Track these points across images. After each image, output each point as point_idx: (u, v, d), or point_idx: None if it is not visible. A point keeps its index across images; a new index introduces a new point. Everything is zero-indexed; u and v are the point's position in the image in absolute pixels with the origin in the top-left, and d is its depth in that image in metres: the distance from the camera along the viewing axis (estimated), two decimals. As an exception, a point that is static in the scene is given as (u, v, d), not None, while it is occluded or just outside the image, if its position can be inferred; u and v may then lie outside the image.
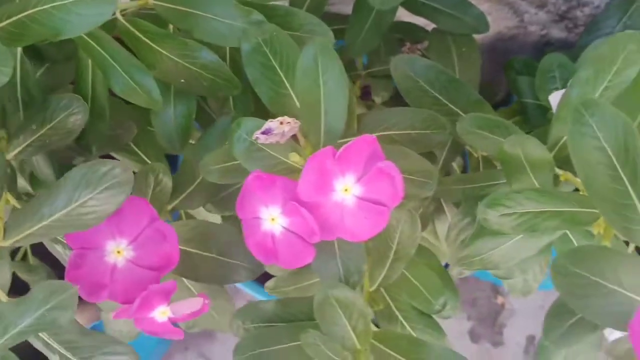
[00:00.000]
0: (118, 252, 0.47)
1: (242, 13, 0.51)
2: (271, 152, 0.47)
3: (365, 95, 0.75)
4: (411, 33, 0.74)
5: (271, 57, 0.50)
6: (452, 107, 0.59)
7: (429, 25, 0.72)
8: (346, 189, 0.43)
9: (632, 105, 0.45)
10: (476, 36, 0.94)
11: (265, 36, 0.50)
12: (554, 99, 0.58)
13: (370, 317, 0.52)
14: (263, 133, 0.43)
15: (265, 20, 0.51)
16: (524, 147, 0.49)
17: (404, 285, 0.56)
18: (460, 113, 0.59)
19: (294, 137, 0.47)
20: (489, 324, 1.11)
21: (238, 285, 0.89)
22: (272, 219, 0.44)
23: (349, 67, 0.71)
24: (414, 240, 0.51)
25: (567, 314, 0.42)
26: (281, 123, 0.43)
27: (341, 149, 0.43)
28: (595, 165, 0.39)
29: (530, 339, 1.10)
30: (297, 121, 0.45)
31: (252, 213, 0.45)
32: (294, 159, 0.46)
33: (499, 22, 0.89)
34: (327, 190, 0.43)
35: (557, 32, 0.90)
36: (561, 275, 0.36)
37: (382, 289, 0.56)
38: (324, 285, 0.46)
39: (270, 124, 0.43)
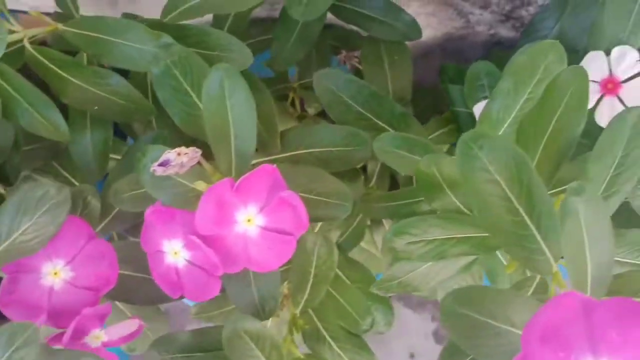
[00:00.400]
0: (55, 273, 0.47)
1: (151, 37, 0.50)
2: (180, 180, 0.46)
3: (303, 106, 0.74)
4: (347, 40, 0.72)
5: (182, 79, 0.50)
6: (377, 121, 0.58)
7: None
8: (249, 220, 0.43)
9: (542, 119, 0.44)
10: (428, 36, 0.93)
11: (174, 58, 0.49)
12: (478, 109, 0.57)
13: (293, 346, 0.51)
14: (160, 165, 0.42)
15: (174, 42, 0.50)
16: (440, 166, 0.48)
17: (331, 305, 0.56)
18: (387, 127, 0.58)
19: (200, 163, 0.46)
20: (453, 324, 1.10)
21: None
22: (174, 252, 0.44)
23: (282, 78, 0.70)
24: (331, 263, 0.50)
25: (460, 354, 0.41)
26: (179, 154, 0.42)
27: (240, 180, 0.42)
28: (489, 198, 0.37)
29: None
30: (197, 150, 0.44)
31: (155, 246, 0.44)
32: (200, 187, 0.45)
33: (445, 23, 0.88)
34: (229, 222, 0.42)
35: (506, 32, 0.89)
36: (449, 317, 0.35)
37: (310, 310, 0.56)
38: (233, 318, 0.45)
39: (168, 155, 0.42)
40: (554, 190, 0.48)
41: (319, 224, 0.58)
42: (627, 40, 0.53)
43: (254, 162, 0.56)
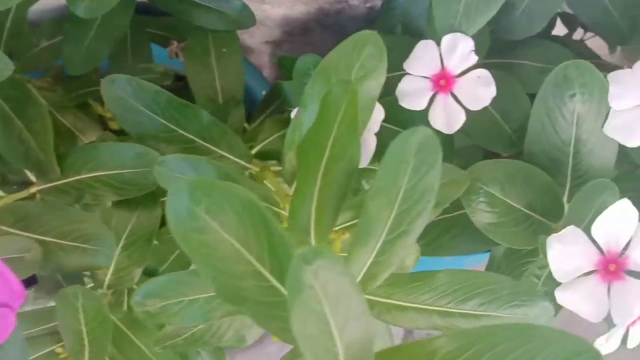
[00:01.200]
0: None
1: None
2: None
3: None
4: (177, 29, 0.63)
5: None
6: (184, 133, 0.49)
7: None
8: (-54, 294, 0.33)
9: (318, 143, 0.35)
10: (301, 12, 0.84)
11: None
12: (294, 114, 0.48)
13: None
14: None
15: None
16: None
17: (136, 356, 0.47)
18: (196, 140, 0.49)
19: None
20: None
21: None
22: None
23: (93, 78, 0.59)
24: (104, 317, 0.42)
25: None
26: None
27: None
28: (222, 262, 0.29)
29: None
30: None
31: None
32: None
33: (316, -1, 0.79)
34: None
35: (383, 3, 0.79)
36: None
37: (108, 362, 0.47)
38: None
39: None
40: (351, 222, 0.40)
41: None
42: (459, 26, 0.44)
43: (33, 190, 0.47)
